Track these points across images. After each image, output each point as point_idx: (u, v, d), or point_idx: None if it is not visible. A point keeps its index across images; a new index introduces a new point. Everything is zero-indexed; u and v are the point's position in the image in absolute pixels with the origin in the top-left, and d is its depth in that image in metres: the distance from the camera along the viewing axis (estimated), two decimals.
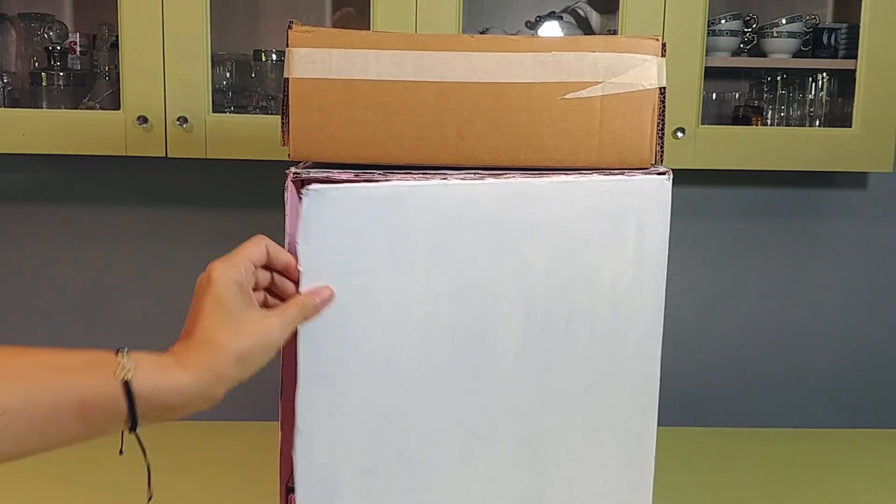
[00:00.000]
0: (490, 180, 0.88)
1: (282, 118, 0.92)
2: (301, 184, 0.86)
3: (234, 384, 0.76)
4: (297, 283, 0.84)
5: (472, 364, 0.90)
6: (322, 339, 0.85)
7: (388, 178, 0.90)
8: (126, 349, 0.73)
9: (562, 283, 0.91)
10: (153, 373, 0.72)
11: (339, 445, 0.88)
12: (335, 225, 0.83)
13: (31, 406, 0.68)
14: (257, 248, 0.82)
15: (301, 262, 0.83)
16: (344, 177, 0.91)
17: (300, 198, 0.82)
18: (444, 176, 0.90)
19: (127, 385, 0.71)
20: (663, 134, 0.91)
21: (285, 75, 0.91)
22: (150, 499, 0.83)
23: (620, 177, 0.92)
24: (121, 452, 0.79)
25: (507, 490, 0.94)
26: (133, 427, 0.72)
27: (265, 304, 0.85)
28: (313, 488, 0.89)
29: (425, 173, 0.90)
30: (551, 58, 0.88)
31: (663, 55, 0.89)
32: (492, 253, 0.88)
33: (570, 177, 0.90)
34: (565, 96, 0.89)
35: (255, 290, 0.83)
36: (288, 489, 0.97)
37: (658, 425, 1.00)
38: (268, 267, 0.84)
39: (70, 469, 1.55)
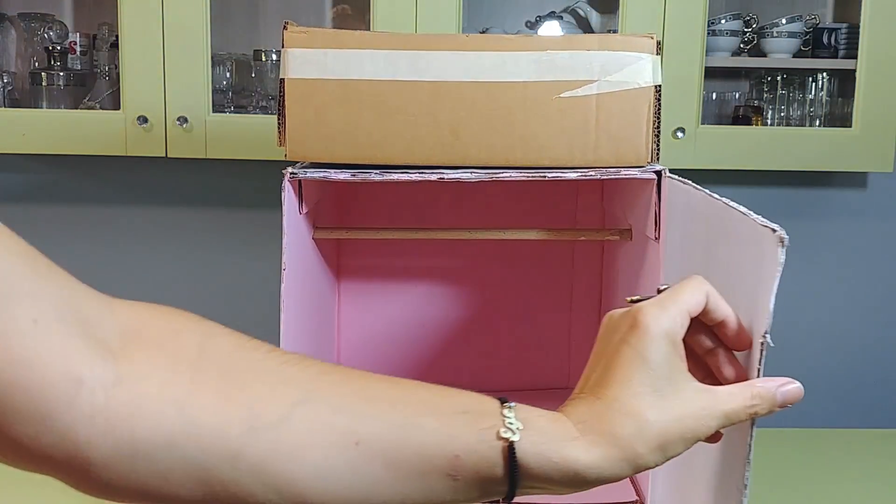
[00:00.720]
0: None
1: (278, 119, 0.92)
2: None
3: (643, 469, 0.56)
4: (733, 351, 0.62)
5: None
6: None
7: (384, 176, 0.90)
8: (513, 403, 0.56)
9: None
10: (547, 442, 0.54)
11: None
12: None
13: (394, 443, 0.53)
14: (698, 295, 0.59)
15: (767, 330, 0.59)
16: (341, 176, 0.91)
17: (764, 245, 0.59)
18: (441, 174, 0.90)
19: (511, 449, 0.53)
20: (659, 132, 0.91)
21: (281, 76, 0.91)
22: None
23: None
24: None
25: None
26: (509, 496, 0.55)
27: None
28: None
29: (422, 172, 0.91)
30: (546, 57, 0.88)
31: (658, 53, 0.89)
32: None
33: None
34: (560, 95, 0.89)
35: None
36: None
37: None
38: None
39: None
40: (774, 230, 0.59)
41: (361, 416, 0.54)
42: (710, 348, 0.62)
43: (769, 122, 1.77)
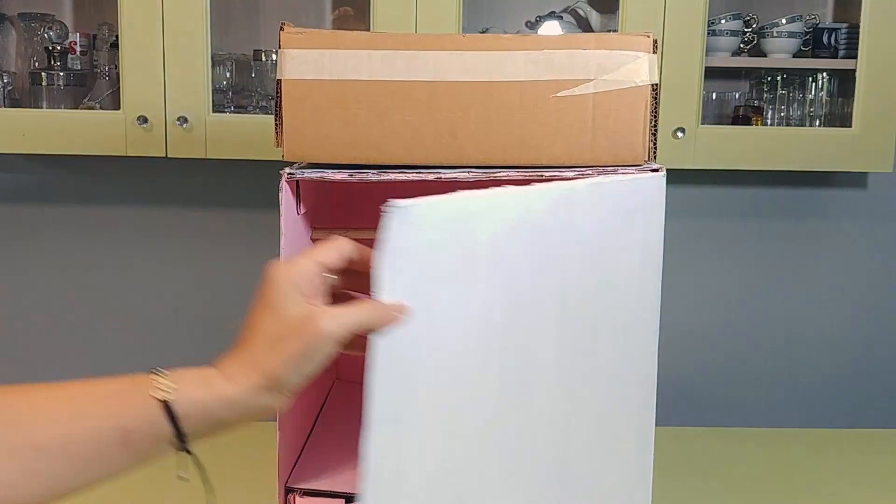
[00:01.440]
0: (538, 186, 0.80)
1: (275, 119, 0.92)
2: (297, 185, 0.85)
3: (290, 390, 0.68)
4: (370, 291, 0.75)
5: (517, 381, 0.83)
6: (393, 362, 0.73)
7: (381, 176, 0.90)
8: (166, 369, 0.67)
9: (589, 289, 0.86)
10: (195, 388, 0.66)
11: (406, 457, 0.77)
12: (415, 242, 0.72)
13: (71, 441, 0.64)
14: (329, 250, 0.72)
15: (379, 278, 0.71)
16: (339, 176, 0.91)
17: (383, 214, 0.70)
18: (439, 174, 0.90)
19: (167, 404, 0.65)
20: (656, 131, 0.91)
21: (278, 76, 0.91)
22: None
23: (632, 175, 0.90)
24: (180, 477, 0.71)
25: None
26: (183, 446, 0.67)
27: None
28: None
29: (419, 172, 0.90)
30: (543, 56, 0.88)
31: (655, 52, 0.89)
32: (537, 263, 0.82)
33: (600, 178, 0.86)
34: (557, 94, 0.89)
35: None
36: (287, 489, 0.97)
37: (658, 425, 0.99)
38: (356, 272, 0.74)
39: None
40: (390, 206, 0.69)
41: (34, 424, 0.64)
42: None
43: (769, 122, 1.77)
